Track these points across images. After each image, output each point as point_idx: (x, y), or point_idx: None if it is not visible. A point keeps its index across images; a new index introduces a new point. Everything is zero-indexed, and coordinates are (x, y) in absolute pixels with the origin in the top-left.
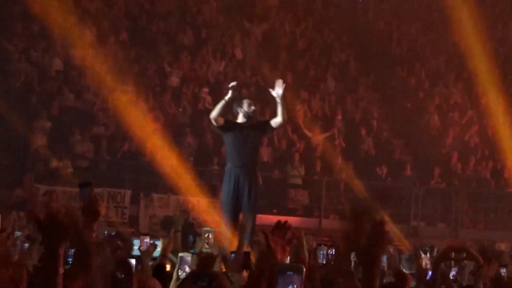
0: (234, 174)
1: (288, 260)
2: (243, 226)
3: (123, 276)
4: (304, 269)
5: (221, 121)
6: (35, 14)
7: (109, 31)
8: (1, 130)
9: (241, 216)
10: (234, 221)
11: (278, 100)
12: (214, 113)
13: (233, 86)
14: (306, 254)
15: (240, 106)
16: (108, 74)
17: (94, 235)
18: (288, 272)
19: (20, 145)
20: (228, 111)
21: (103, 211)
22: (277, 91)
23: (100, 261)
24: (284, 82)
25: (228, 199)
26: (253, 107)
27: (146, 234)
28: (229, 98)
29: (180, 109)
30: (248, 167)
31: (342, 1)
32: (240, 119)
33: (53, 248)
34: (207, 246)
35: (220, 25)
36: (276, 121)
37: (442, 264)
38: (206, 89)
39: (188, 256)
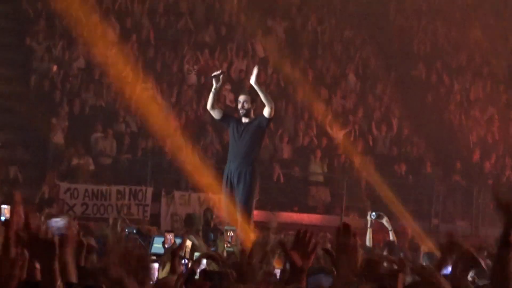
0: (227, 169)
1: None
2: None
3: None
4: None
5: (218, 115)
6: (58, 12)
7: (131, 29)
8: (24, 127)
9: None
10: (231, 216)
11: (254, 87)
12: (208, 105)
13: (215, 75)
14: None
15: (238, 102)
16: (130, 72)
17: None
18: (319, 274)
19: (42, 142)
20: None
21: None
22: (251, 78)
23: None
24: (257, 67)
25: (224, 194)
26: (246, 105)
27: (170, 231)
28: (216, 88)
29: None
30: (240, 162)
31: None
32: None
33: (47, 265)
34: (229, 245)
35: (242, 23)
36: (265, 110)
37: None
38: (228, 87)
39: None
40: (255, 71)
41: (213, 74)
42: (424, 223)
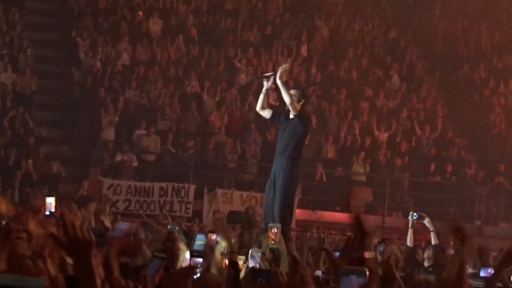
0: (273, 166)
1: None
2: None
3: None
4: (367, 273)
5: (268, 114)
6: (104, 9)
7: (177, 27)
8: (68, 123)
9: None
10: (268, 214)
11: (278, 83)
12: (257, 107)
13: (267, 76)
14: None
15: None
16: (175, 69)
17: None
18: (351, 276)
19: (86, 138)
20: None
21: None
22: (276, 75)
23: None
24: (285, 65)
25: (265, 191)
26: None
27: (213, 232)
28: (267, 89)
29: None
30: (279, 159)
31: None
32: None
33: (84, 263)
34: (273, 243)
35: (287, 22)
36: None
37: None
38: (272, 85)
39: (257, 253)
40: (280, 69)
41: (264, 75)
42: (467, 225)
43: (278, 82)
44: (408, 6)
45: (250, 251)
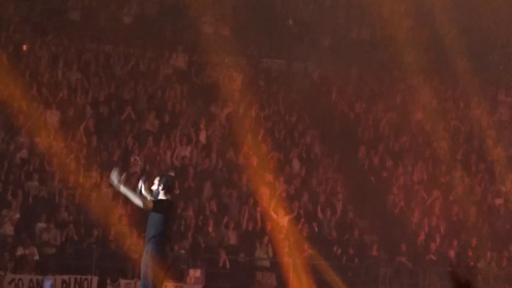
0: None
1: None
2: None
3: None
4: None
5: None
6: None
7: (74, 118)
8: None
9: None
10: None
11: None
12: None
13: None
14: None
15: None
16: (73, 161)
17: None
18: None
19: None
20: None
21: None
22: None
23: None
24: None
25: None
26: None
27: None
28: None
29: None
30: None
31: (304, 83)
32: None
33: None
34: None
35: (184, 110)
36: None
37: None
38: (172, 173)
39: None
40: (113, 175)
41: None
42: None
43: (121, 189)
44: (305, 90)
45: None
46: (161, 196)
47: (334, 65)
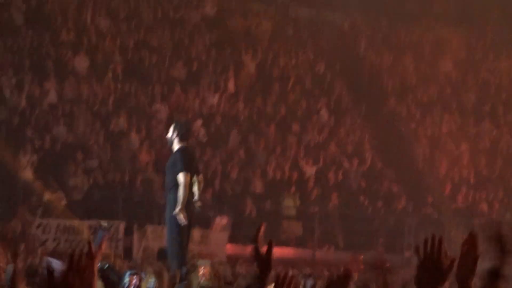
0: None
1: None
2: None
3: None
4: None
5: None
6: (29, 47)
7: (103, 65)
8: None
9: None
10: None
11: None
12: None
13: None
14: None
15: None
16: (103, 106)
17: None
18: None
19: (11, 178)
20: None
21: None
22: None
23: None
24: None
25: None
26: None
27: (135, 274)
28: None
29: None
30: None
31: (333, 32)
32: None
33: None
34: (204, 280)
35: (213, 57)
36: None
37: None
38: (199, 122)
39: None
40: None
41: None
42: (397, 256)
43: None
44: (334, 39)
45: None
46: (176, 143)
47: (363, 15)
